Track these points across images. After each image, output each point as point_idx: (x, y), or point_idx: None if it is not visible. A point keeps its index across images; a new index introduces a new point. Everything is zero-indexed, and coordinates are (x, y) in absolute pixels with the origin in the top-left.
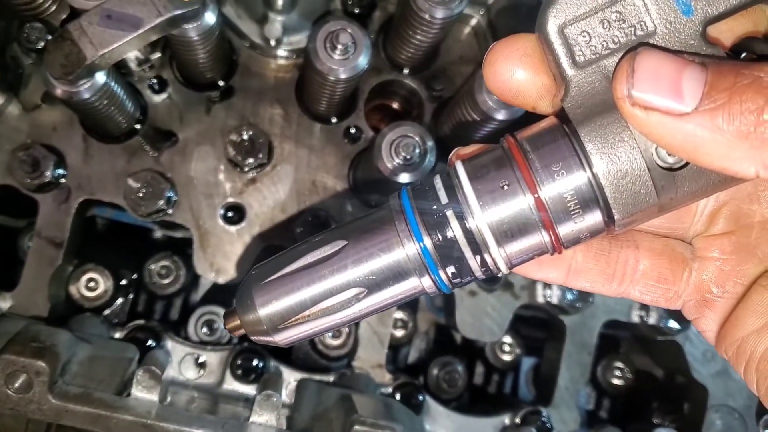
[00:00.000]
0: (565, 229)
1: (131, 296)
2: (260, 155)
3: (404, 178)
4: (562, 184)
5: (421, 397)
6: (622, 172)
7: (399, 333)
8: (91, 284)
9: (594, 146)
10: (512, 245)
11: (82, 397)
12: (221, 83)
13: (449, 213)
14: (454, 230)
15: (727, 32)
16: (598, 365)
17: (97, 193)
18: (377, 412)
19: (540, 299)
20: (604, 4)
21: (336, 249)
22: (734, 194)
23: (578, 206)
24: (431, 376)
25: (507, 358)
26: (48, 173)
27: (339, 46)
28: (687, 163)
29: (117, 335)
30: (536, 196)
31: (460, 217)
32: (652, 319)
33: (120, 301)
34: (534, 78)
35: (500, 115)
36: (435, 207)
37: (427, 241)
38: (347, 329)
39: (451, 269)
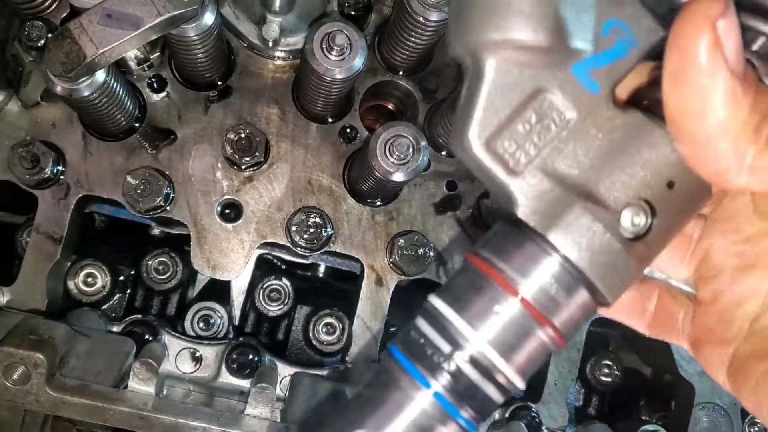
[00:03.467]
0: (559, 319)
1: (129, 291)
2: (257, 154)
3: (398, 176)
4: (542, 278)
5: None
6: (596, 252)
7: (392, 329)
8: (89, 279)
9: (563, 241)
10: (518, 355)
11: (80, 389)
12: (219, 83)
13: (446, 348)
14: (459, 363)
15: (621, 90)
16: (587, 362)
17: (96, 190)
18: None
19: None
20: (517, 107)
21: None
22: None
23: (562, 292)
24: None
25: None
26: (47, 170)
27: (335, 48)
28: (651, 226)
29: (114, 329)
30: (520, 296)
31: (459, 348)
32: None
33: (117, 296)
34: None
35: None
36: (429, 349)
37: (436, 385)
38: (340, 326)
39: (469, 408)
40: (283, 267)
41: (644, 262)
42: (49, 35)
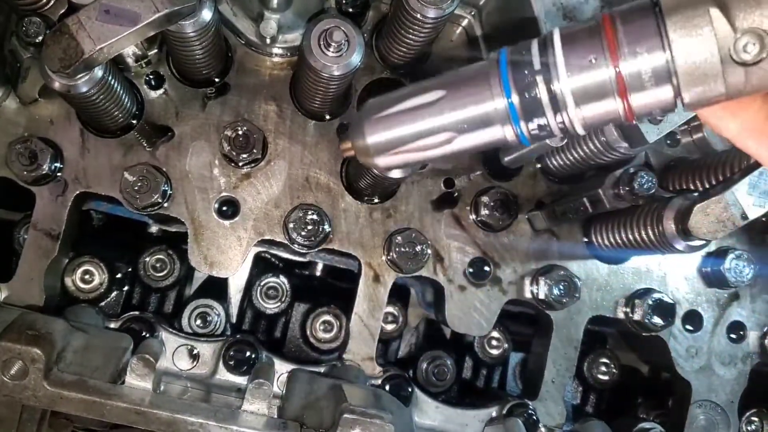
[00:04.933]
0: (637, 101)
1: (126, 289)
2: (254, 151)
3: (396, 173)
4: (642, 62)
5: (410, 389)
6: (698, 61)
7: (389, 327)
8: (87, 276)
9: (677, 34)
10: (589, 108)
11: (77, 385)
12: (217, 80)
13: (539, 76)
14: (540, 91)
15: None
16: (585, 361)
17: (94, 186)
18: (367, 401)
19: (527, 294)
20: None
21: (436, 97)
22: None
23: (653, 84)
24: (420, 369)
25: (495, 352)
26: (45, 166)
27: (333, 44)
28: (760, 60)
29: (112, 326)
30: (617, 69)
31: (548, 80)
32: (637, 315)
33: (115, 293)
34: None
35: None
36: (527, 69)
37: (515, 98)
38: (338, 323)
39: (532, 124)
40: (281, 265)
41: (736, 91)
42: (48, 31)
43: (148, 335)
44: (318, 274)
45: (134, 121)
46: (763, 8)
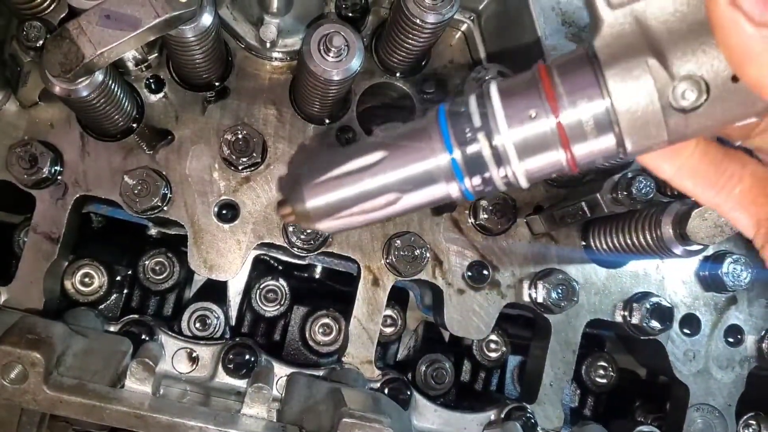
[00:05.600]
0: (580, 151)
1: (126, 292)
2: (254, 154)
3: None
4: (583, 112)
5: (408, 392)
6: (639, 109)
7: (388, 330)
8: (86, 279)
9: (616, 84)
10: (532, 161)
11: (77, 389)
12: (217, 84)
13: (479, 131)
14: (482, 146)
15: None
16: (583, 364)
17: (94, 190)
18: (366, 405)
19: (526, 298)
20: None
21: (376, 159)
22: None
23: (595, 134)
24: (419, 372)
25: (493, 355)
26: (45, 169)
27: (332, 49)
28: (699, 106)
29: (111, 329)
30: (558, 120)
31: (489, 135)
32: (635, 319)
33: (114, 296)
34: None
35: None
36: (467, 124)
37: (457, 154)
38: (337, 326)
39: (476, 179)
40: (280, 268)
41: (677, 136)
42: (48, 35)
43: (147, 338)
44: (317, 276)
45: (134, 125)
46: (698, 55)
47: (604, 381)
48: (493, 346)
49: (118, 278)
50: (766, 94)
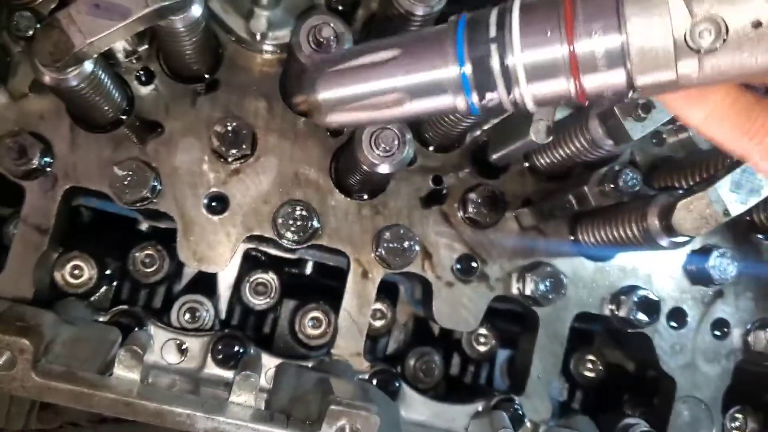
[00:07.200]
0: (590, 83)
1: (115, 284)
2: (244, 146)
3: (383, 168)
4: (597, 43)
5: (397, 384)
6: (652, 44)
7: (378, 324)
8: (76, 272)
9: (634, 14)
10: (541, 86)
11: (65, 376)
12: (207, 76)
13: (493, 48)
14: (493, 64)
15: None
16: (571, 358)
17: (83, 181)
18: (354, 394)
19: (514, 291)
20: None
21: (388, 57)
22: None
23: (605, 65)
24: (408, 366)
25: (482, 349)
26: (35, 161)
27: (322, 40)
28: (714, 49)
29: (101, 319)
30: (572, 48)
31: (502, 54)
32: (622, 312)
33: (104, 288)
34: None
35: None
36: (482, 39)
37: (468, 68)
38: (327, 320)
39: (483, 97)
40: (270, 264)
41: (689, 79)
42: (38, 26)
43: (136, 329)
44: (308, 273)
45: (124, 117)
46: None
47: (593, 375)
48: (482, 339)
49: (108, 271)
50: None
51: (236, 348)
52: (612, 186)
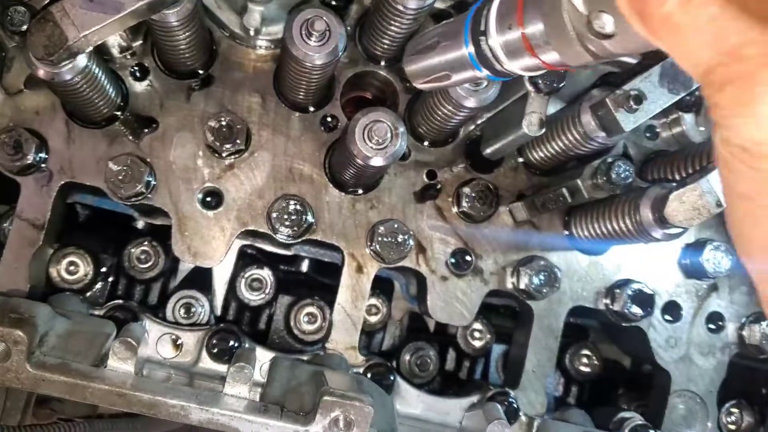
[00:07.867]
0: (546, 58)
1: (111, 280)
2: (238, 141)
3: (376, 161)
4: (536, 27)
5: (391, 377)
6: (559, 33)
7: (373, 319)
8: (72, 267)
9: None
10: (520, 62)
11: (59, 367)
12: (201, 72)
13: (483, 33)
14: (484, 46)
15: None
16: (566, 353)
17: (79, 177)
18: (348, 386)
19: (508, 285)
20: None
21: (432, 43)
22: None
23: (542, 46)
24: (403, 361)
25: (478, 344)
26: (30, 156)
27: (315, 33)
28: (614, 34)
29: (96, 313)
30: (522, 31)
31: (486, 38)
32: (617, 306)
33: (100, 284)
34: None
35: (470, 103)
36: (479, 26)
37: (471, 49)
38: (322, 315)
39: (487, 70)
40: (266, 261)
41: (604, 55)
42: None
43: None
44: (303, 270)
45: (119, 113)
46: None
47: (588, 370)
48: (477, 334)
49: (104, 267)
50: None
51: (231, 342)
52: (605, 178)
